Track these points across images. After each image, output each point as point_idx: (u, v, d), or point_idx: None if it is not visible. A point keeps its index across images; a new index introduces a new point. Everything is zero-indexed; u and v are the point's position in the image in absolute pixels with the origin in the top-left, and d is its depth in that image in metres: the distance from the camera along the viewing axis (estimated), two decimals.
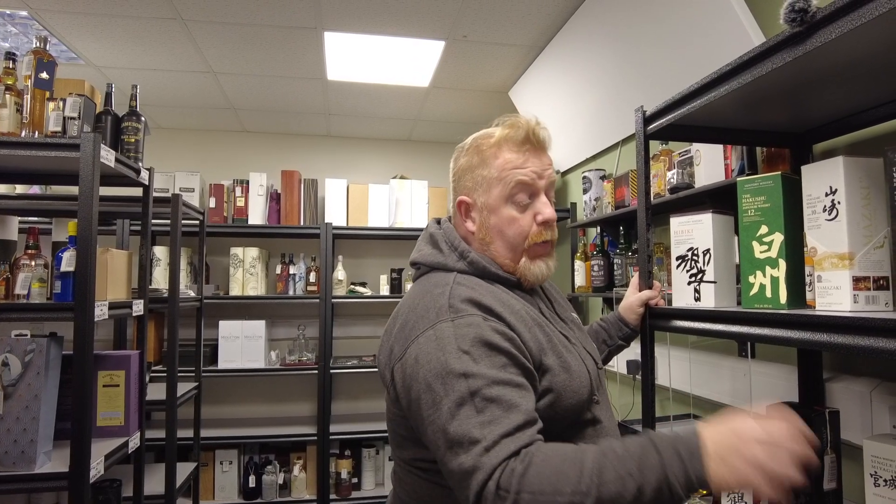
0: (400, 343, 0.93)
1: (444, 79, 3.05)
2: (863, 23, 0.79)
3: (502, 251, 1.03)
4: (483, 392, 0.81)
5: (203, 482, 3.32)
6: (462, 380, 0.82)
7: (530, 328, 0.94)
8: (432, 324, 0.89)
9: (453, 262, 1.02)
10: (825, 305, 0.98)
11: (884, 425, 1.24)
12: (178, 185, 3.51)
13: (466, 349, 0.85)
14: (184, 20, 2.42)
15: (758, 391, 1.62)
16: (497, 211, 1.02)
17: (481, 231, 1.03)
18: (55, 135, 1.64)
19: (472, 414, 0.79)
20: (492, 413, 0.79)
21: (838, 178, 0.97)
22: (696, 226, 1.26)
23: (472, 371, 0.82)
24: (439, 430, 0.81)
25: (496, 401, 0.80)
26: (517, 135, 1.02)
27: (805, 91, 1.10)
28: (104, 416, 1.86)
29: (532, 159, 1.02)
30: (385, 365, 0.96)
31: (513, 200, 1.01)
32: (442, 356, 0.84)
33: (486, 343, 0.86)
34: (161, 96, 3.32)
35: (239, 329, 3.39)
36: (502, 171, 1.01)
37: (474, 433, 0.78)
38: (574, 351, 1.00)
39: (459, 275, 1.00)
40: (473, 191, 1.04)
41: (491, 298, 0.94)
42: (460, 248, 1.03)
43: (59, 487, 1.50)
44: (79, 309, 1.53)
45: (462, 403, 0.80)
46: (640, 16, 2.03)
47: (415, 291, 1.02)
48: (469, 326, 0.87)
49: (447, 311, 0.90)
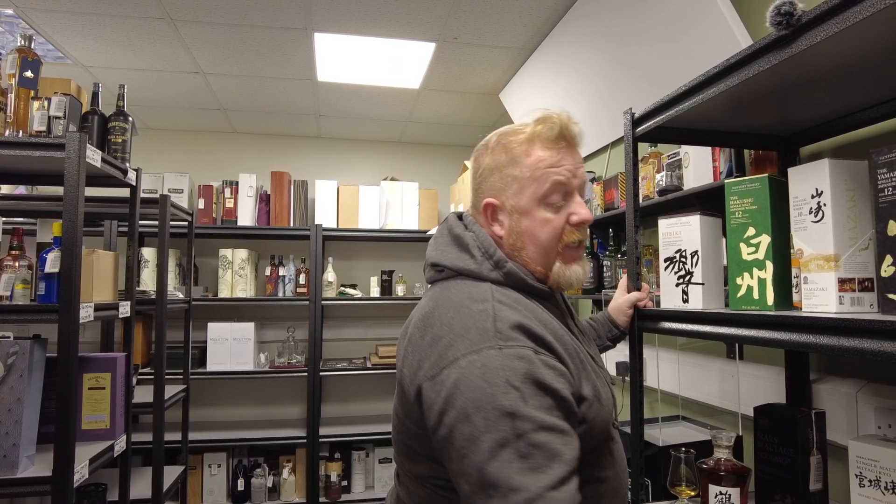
0: (433, 360, 0.84)
1: (435, 81, 3.05)
2: (847, 26, 0.80)
3: (534, 257, 0.96)
4: (529, 437, 0.74)
5: (191, 486, 3.29)
6: (508, 419, 0.75)
7: (572, 357, 0.89)
8: (476, 348, 0.81)
9: (487, 272, 0.93)
10: (811, 307, 0.98)
11: (869, 426, 1.24)
12: (167, 186, 3.49)
13: (517, 385, 0.77)
14: (173, 20, 2.40)
15: (746, 393, 1.62)
16: (529, 213, 0.95)
17: (511, 236, 0.96)
18: (40, 134, 1.62)
19: (513, 458, 0.73)
20: (535, 461, 0.74)
21: (824, 180, 0.98)
22: (684, 227, 1.26)
23: (521, 412, 0.76)
24: (473, 467, 0.75)
25: (541, 448, 0.74)
26: (551, 131, 0.95)
27: (792, 94, 1.11)
28: (89, 420, 1.84)
29: (566, 157, 0.96)
30: (410, 379, 0.87)
31: (547, 202, 0.95)
32: (488, 388, 0.77)
33: (537, 381, 0.79)
34: (150, 97, 3.29)
35: (228, 331, 3.37)
36: (535, 171, 0.94)
37: (514, 480, 0.72)
38: (601, 374, 0.96)
39: (496, 287, 0.91)
40: (502, 192, 0.96)
41: (538, 323, 0.87)
42: (496, 257, 0.94)
43: (42, 492, 1.48)
44: (63, 310, 1.51)
45: (505, 445, 0.74)
46: (629, 19, 2.04)
47: (444, 301, 0.91)
48: (520, 360, 0.80)
49: (493, 337, 0.82)
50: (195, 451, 3.34)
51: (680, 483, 1.27)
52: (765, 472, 1.24)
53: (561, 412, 0.80)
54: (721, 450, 1.21)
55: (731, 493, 1.17)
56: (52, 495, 1.47)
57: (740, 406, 1.64)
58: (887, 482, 1.00)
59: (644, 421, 1.41)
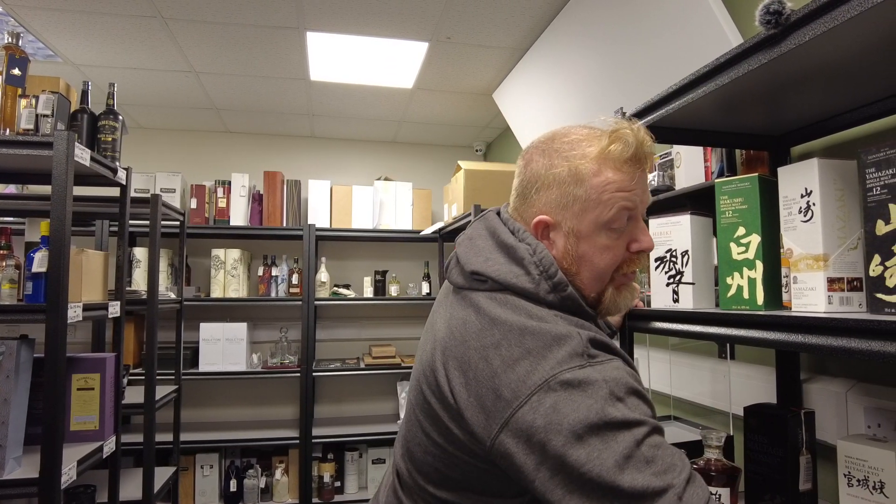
0: (513, 387, 0.76)
1: (429, 80, 3.04)
2: (835, 25, 0.80)
3: (587, 283, 0.89)
4: (648, 440, 0.73)
5: (183, 487, 3.27)
6: (625, 430, 0.72)
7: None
8: (566, 366, 0.75)
9: (545, 293, 0.85)
10: (801, 306, 0.98)
11: (859, 425, 1.24)
12: (159, 186, 3.47)
13: (621, 396, 0.74)
14: (164, 18, 2.38)
15: (737, 392, 1.63)
16: (590, 238, 0.87)
17: (566, 259, 0.88)
18: (27, 132, 1.61)
19: (642, 465, 0.70)
20: (663, 461, 0.71)
21: (813, 179, 0.98)
22: (674, 227, 1.26)
23: (633, 418, 0.73)
24: (601, 488, 0.70)
25: (661, 447, 0.73)
26: (625, 151, 0.86)
27: (782, 93, 1.11)
28: (78, 421, 1.83)
29: (639, 180, 0.88)
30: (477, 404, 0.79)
31: (610, 227, 0.87)
32: (594, 403, 0.73)
33: (635, 391, 0.77)
34: (142, 96, 3.28)
35: (220, 331, 3.36)
36: (602, 193, 0.86)
37: (655, 483, 0.69)
38: None
39: (553, 311, 0.84)
40: (560, 211, 0.88)
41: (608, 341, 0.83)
42: (557, 278, 0.85)
43: (29, 494, 1.47)
44: (51, 310, 1.50)
45: (630, 455, 0.71)
46: (621, 19, 2.04)
47: (504, 318, 0.82)
48: (616, 370, 0.77)
49: (580, 355, 0.77)
50: (187, 451, 3.32)
51: None
52: (755, 472, 1.24)
53: (655, 417, 0.79)
54: (711, 450, 1.21)
55: (721, 494, 1.16)
56: (39, 497, 1.46)
57: (731, 406, 1.64)
58: (875, 482, 1.00)
59: None
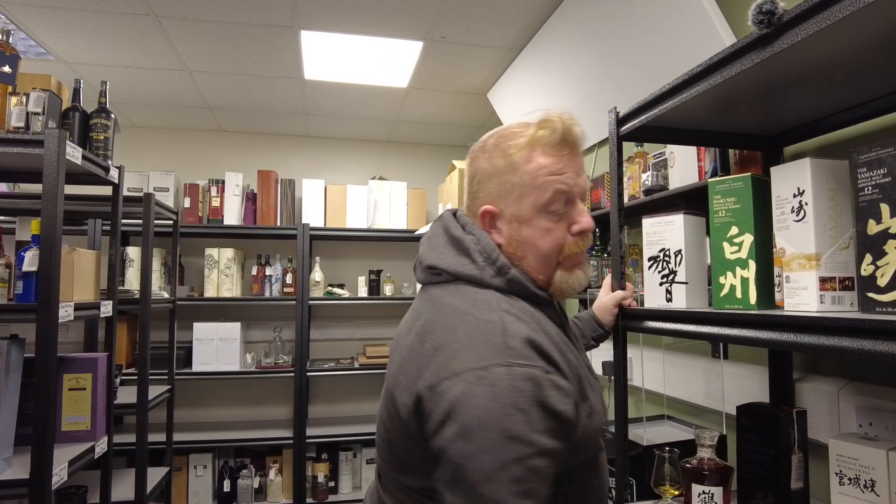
0: (434, 369, 0.81)
1: (423, 80, 3.04)
2: (828, 24, 0.80)
3: (535, 266, 0.94)
4: (529, 462, 0.75)
5: (176, 487, 3.26)
6: (511, 443, 0.74)
7: (573, 372, 0.88)
8: (485, 364, 0.78)
9: (490, 278, 0.90)
10: (793, 306, 0.98)
11: (850, 424, 1.25)
12: (152, 185, 3.45)
13: (525, 408, 0.76)
14: (157, 16, 2.37)
15: (730, 392, 1.63)
16: (530, 222, 0.92)
17: (511, 245, 0.93)
18: (17, 130, 1.59)
19: (510, 482, 0.73)
20: (529, 486, 0.74)
21: (805, 179, 0.98)
22: (667, 227, 1.26)
23: (524, 436, 0.75)
24: (466, 484, 0.75)
25: (538, 472, 0.75)
26: (552, 136, 0.91)
27: (775, 93, 1.11)
28: (69, 421, 1.81)
29: (569, 163, 0.92)
30: (407, 387, 0.84)
31: (548, 210, 0.92)
32: (494, 408, 0.75)
33: (544, 405, 0.78)
34: (135, 94, 3.26)
35: (213, 331, 3.34)
36: (536, 178, 0.91)
37: (510, 502, 0.73)
38: (596, 388, 0.95)
39: (501, 296, 0.89)
40: (500, 199, 0.93)
41: (546, 338, 0.85)
42: (499, 263, 0.91)
43: (19, 495, 1.46)
44: (41, 310, 1.49)
45: (504, 468, 0.73)
46: (615, 18, 2.04)
47: (445, 306, 0.89)
48: (529, 381, 0.78)
49: (503, 353, 0.79)
50: (180, 452, 3.30)
51: (664, 482, 1.27)
52: (747, 471, 1.24)
53: (562, 433, 0.80)
54: (704, 449, 1.21)
55: (714, 493, 1.17)
56: (30, 498, 1.44)
57: (724, 405, 1.64)
58: (866, 480, 1.01)
59: (629, 420, 1.41)
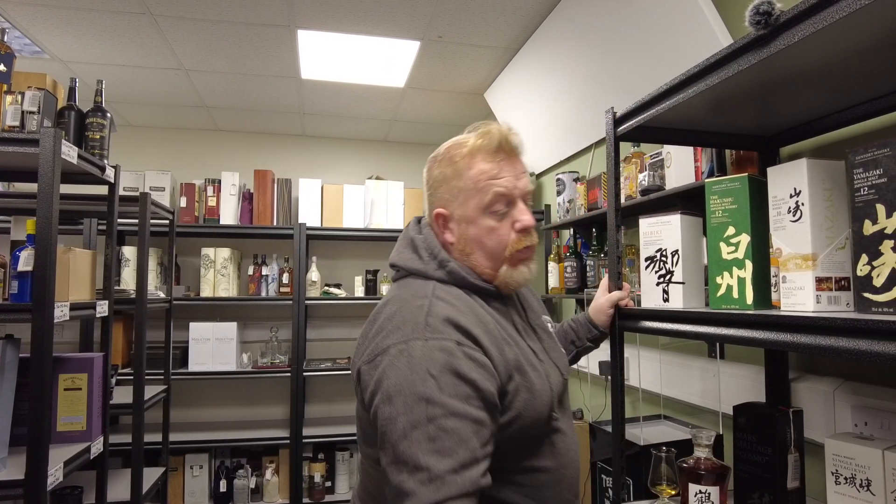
0: (371, 348, 0.93)
1: (420, 79, 3.04)
2: (824, 26, 0.80)
3: (483, 261, 1.03)
4: (439, 421, 0.82)
5: (172, 487, 3.25)
6: (422, 404, 0.83)
7: (501, 349, 0.95)
8: (406, 339, 0.89)
9: (432, 271, 1.02)
10: (789, 306, 0.99)
11: (846, 424, 1.26)
12: (148, 184, 3.44)
13: (434, 374, 0.85)
14: (153, 15, 2.36)
15: (726, 391, 1.64)
16: (475, 222, 1.02)
17: (461, 242, 1.03)
18: (12, 129, 1.58)
19: (423, 440, 0.81)
20: (442, 444, 0.81)
21: (802, 180, 0.98)
22: (664, 227, 1.27)
23: (434, 398, 0.83)
24: (389, 444, 0.84)
25: (450, 432, 0.82)
26: (490, 143, 1.01)
27: (771, 94, 1.12)
28: (65, 421, 1.81)
29: (506, 168, 1.01)
30: (354, 364, 0.98)
31: (490, 211, 1.01)
32: (410, 375, 0.85)
33: (455, 371, 0.86)
34: (131, 93, 3.24)
35: (210, 331, 3.33)
36: (478, 182, 1.01)
37: (421, 459, 0.80)
38: (540, 368, 1.00)
39: (439, 285, 1.00)
40: (450, 203, 1.03)
41: (470, 317, 0.94)
42: (440, 257, 1.03)
43: (14, 496, 1.45)
44: (37, 310, 1.48)
45: (416, 427, 0.82)
46: (613, 19, 2.05)
47: (393, 298, 1.01)
48: (441, 351, 0.87)
49: (423, 329, 0.90)
50: (177, 452, 3.30)
51: (661, 482, 1.27)
52: (743, 471, 1.25)
53: (479, 401, 0.86)
54: (701, 449, 1.22)
55: (711, 492, 1.17)
56: (25, 499, 1.44)
57: (721, 405, 1.65)
58: (862, 479, 1.01)
59: (626, 420, 1.41)
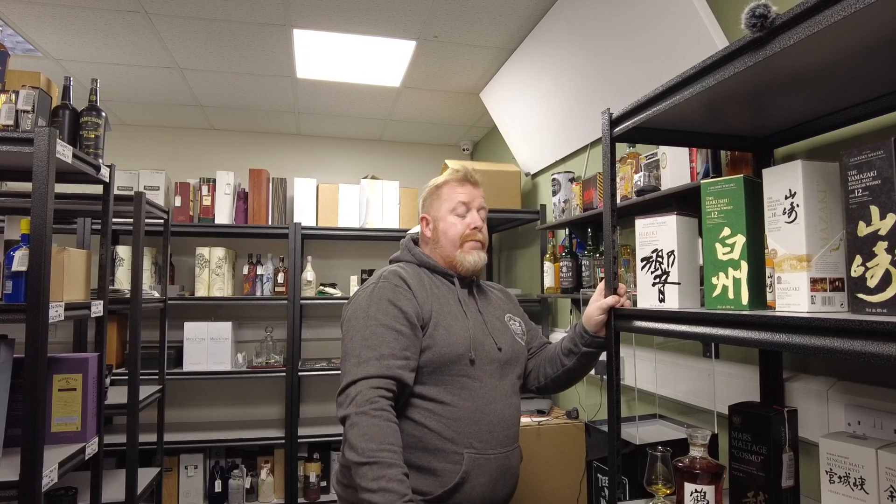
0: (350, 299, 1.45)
1: (416, 79, 3.04)
2: (819, 29, 0.81)
3: (447, 246, 1.49)
4: (372, 328, 1.30)
5: (167, 488, 3.24)
6: (365, 318, 1.33)
7: (428, 297, 1.39)
8: (367, 287, 1.41)
9: (404, 256, 1.54)
10: (784, 306, 0.99)
11: (839, 423, 1.27)
12: (142, 184, 3.42)
13: (376, 301, 1.34)
14: (148, 14, 2.35)
15: (721, 391, 1.64)
16: (444, 219, 1.50)
17: (435, 234, 1.52)
18: (6, 128, 1.57)
19: (361, 339, 1.30)
20: (372, 342, 1.28)
21: (797, 181, 0.99)
22: (660, 227, 1.27)
23: (372, 315, 1.32)
24: (345, 344, 1.34)
25: (377, 336, 1.29)
26: (458, 175, 1.54)
27: (766, 96, 1.12)
28: (59, 422, 1.80)
29: (469, 189, 1.52)
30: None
31: (454, 212, 1.50)
32: (364, 304, 1.36)
33: (388, 300, 1.34)
34: (125, 92, 3.23)
35: (205, 331, 3.32)
36: (448, 195, 1.52)
37: (356, 350, 1.29)
38: (464, 323, 1.40)
39: (405, 263, 1.50)
40: (430, 210, 1.55)
41: (413, 277, 1.41)
42: (409, 246, 1.55)
43: (9, 497, 1.44)
44: (31, 310, 1.47)
45: (359, 332, 1.31)
46: (608, 20, 2.05)
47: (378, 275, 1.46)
48: (384, 289, 1.37)
49: (378, 280, 1.40)
50: (171, 452, 3.28)
51: (656, 481, 1.28)
52: (738, 470, 1.25)
53: (404, 320, 1.32)
54: (696, 448, 1.22)
55: (706, 491, 1.18)
56: (19, 500, 1.43)
57: (716, 404, 1.66)
58: (856, 478, 1.02)
59: (621, 419, 1.42)
